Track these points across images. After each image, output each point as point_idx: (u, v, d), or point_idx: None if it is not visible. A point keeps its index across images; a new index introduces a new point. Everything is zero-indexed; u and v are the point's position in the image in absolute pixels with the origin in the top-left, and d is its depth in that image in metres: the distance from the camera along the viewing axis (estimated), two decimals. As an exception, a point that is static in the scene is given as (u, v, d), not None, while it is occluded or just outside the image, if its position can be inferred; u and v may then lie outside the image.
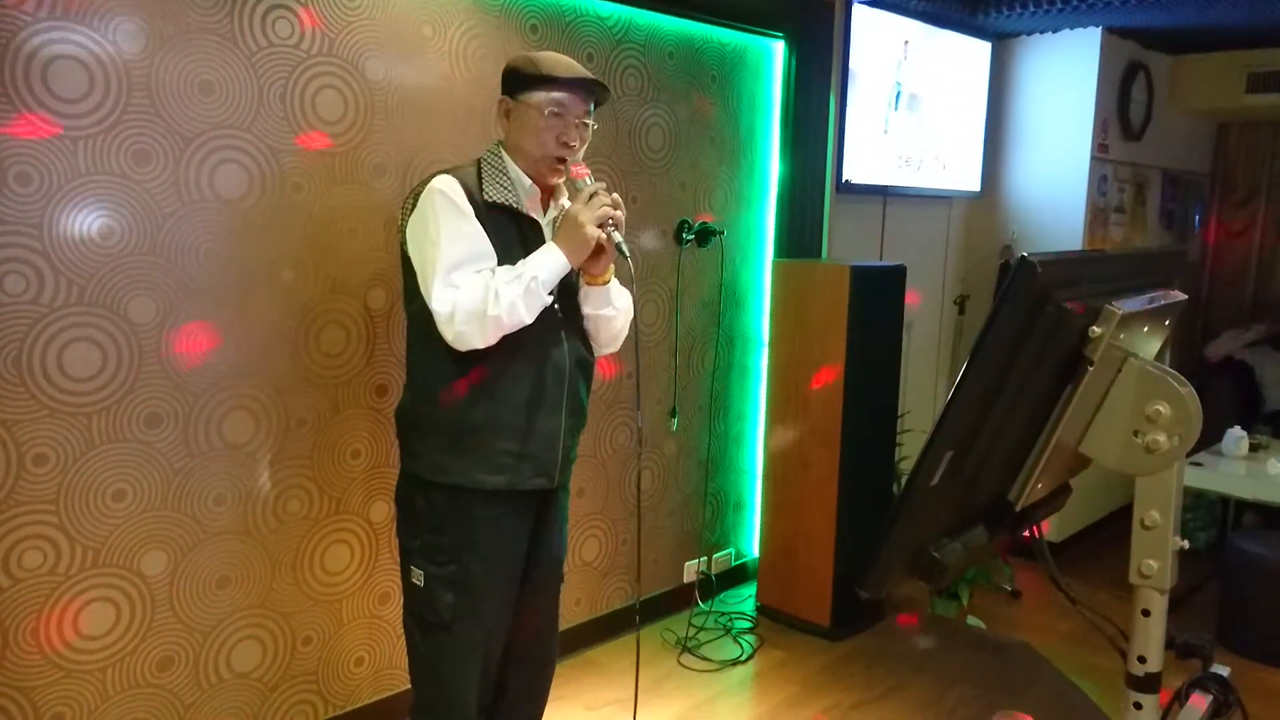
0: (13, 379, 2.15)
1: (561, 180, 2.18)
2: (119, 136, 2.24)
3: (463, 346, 2.00)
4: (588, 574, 3.52)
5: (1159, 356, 1.49)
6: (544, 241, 2.14)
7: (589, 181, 2.13)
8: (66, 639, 2.29)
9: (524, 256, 2.07)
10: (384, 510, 2.84)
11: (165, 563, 2.42)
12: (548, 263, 2.04)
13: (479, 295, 1.96)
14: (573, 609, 3.44)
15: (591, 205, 2.06)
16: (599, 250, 2.11)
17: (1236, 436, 4.21)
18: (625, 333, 2.32)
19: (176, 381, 2.39)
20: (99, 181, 2.22)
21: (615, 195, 2.11)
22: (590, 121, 2.15)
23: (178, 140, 2.33)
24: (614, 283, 2.23)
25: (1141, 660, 1.42)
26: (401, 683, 2.91)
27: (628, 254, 2.09)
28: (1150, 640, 1.41)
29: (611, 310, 2.25)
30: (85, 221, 2.21)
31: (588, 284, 2.20)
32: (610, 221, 2.07)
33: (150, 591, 2.41)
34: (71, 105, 2.16)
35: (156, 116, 2.29)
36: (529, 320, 2.01)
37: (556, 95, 2.08)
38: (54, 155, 2.15)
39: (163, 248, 2.33)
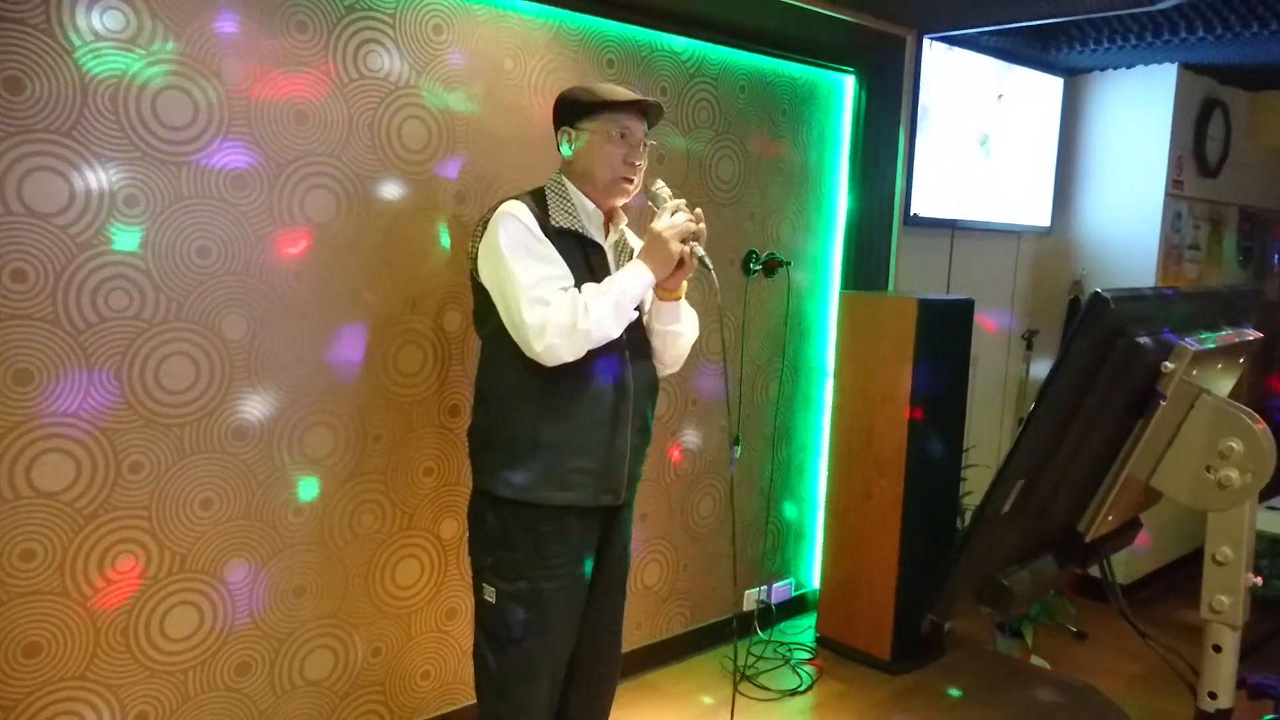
0: (113, 390, 2.27)
1: (625, 201, 2.27)
2: (219, 162, 2.36)
3: (551, 361, 2.07)
4: (649, 598, 3.55)
5: (1233, 393, 1.49)
6: (607, 264, 2.23)
7: (668, 197, 2.21)
8: (153, 640, 2.39)
9: (589, 279, 2.15)
10: (453, 527, 2.91)
11: (247, 570, 2.52)
12: (635, 278, 2.12)
13: (569, 309, 2.04)
14: (633, 633, 3.47)
15: (674, 221, 2.14)
16: (680, 264, 2.18)
17: (1315, 481, 4.09)
18: (688, 351, 2.38)
19: (263, 396, 2.49)
20: (199, 204, 2.34)
21: (698, 209, 2.19)
22: (650, 141, 2.26)
23: (272, 166, 2.45)
24: (683, 301, 2.30)
25: (1212, 696, 1.41)
26: (465, 698, 2.97)
27: (710, 266, 2.17)
28: (1221, 676, 1.41)
29: (679, 327, 2.32)
30: (185, 241, 2.33)
31: (660, 299, 2.27)
32: (693, 236, 2.16)
33: (232, 598, 2.51)
34: (177, 133, 2.29)
35: (254, 143, 2.41)
36: (616, 334, 2.10)
37: (620, 118, 2.18)
38: (159, 179, 2.27)
39: (255, 268, 2.44)
